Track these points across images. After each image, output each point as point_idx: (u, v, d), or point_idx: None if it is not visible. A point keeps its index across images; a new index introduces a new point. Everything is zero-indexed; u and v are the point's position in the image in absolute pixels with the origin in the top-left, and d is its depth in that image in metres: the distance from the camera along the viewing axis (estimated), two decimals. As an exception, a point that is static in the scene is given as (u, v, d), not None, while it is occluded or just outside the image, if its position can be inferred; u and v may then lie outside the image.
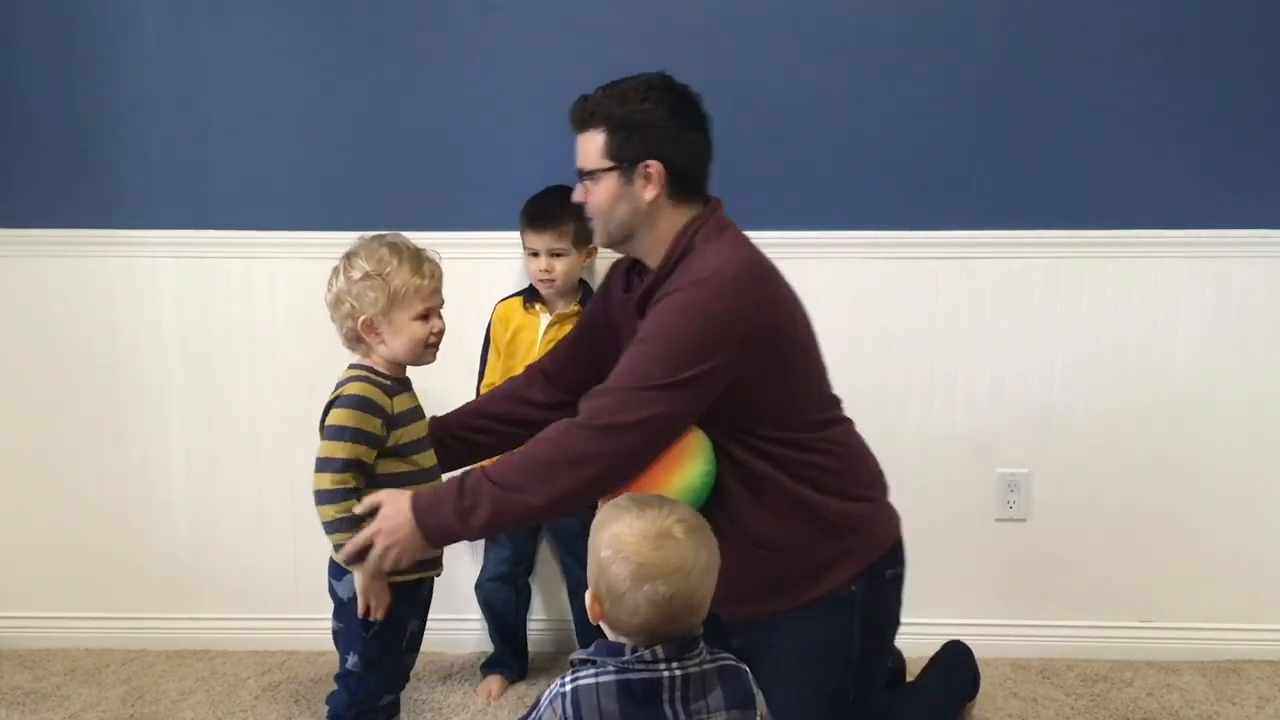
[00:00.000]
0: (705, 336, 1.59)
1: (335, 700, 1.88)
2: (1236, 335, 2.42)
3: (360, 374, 1.80)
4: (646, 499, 1.33)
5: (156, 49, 2.42)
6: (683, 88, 1.73)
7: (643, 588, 1.23)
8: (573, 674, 1.27)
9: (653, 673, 1.25)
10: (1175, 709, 2.28)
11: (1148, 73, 2.36)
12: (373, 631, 1.81)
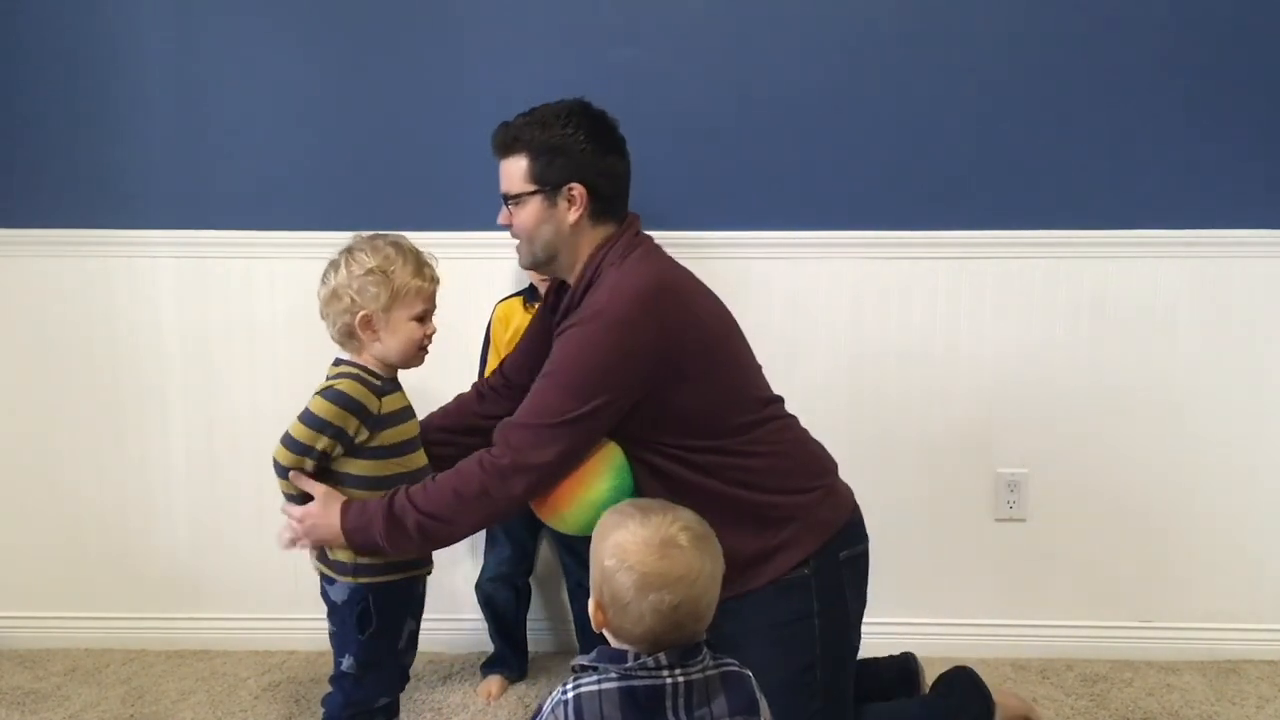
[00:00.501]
0: (606, 367, 1.65)
1: (330, 702, 1.88)
2: (1236, 335, 2.42)
3: (353, 371, 1.79)
4: (650, 505, 1.31)
5: (156, 49, 2.42)
6: (600, 113, 1.80)
7: (648, 597, 1.23)
8: (575, 681, 1.26)
9: (656, 679, 1.24)
10: (1175, 709, 2.28)
11: (1148, 73, 2.36)
12: (369, 633, 1.81)
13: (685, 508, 1.33)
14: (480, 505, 1.68)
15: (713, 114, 2.41)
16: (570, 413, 1.64)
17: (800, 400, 2.48)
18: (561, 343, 1.69)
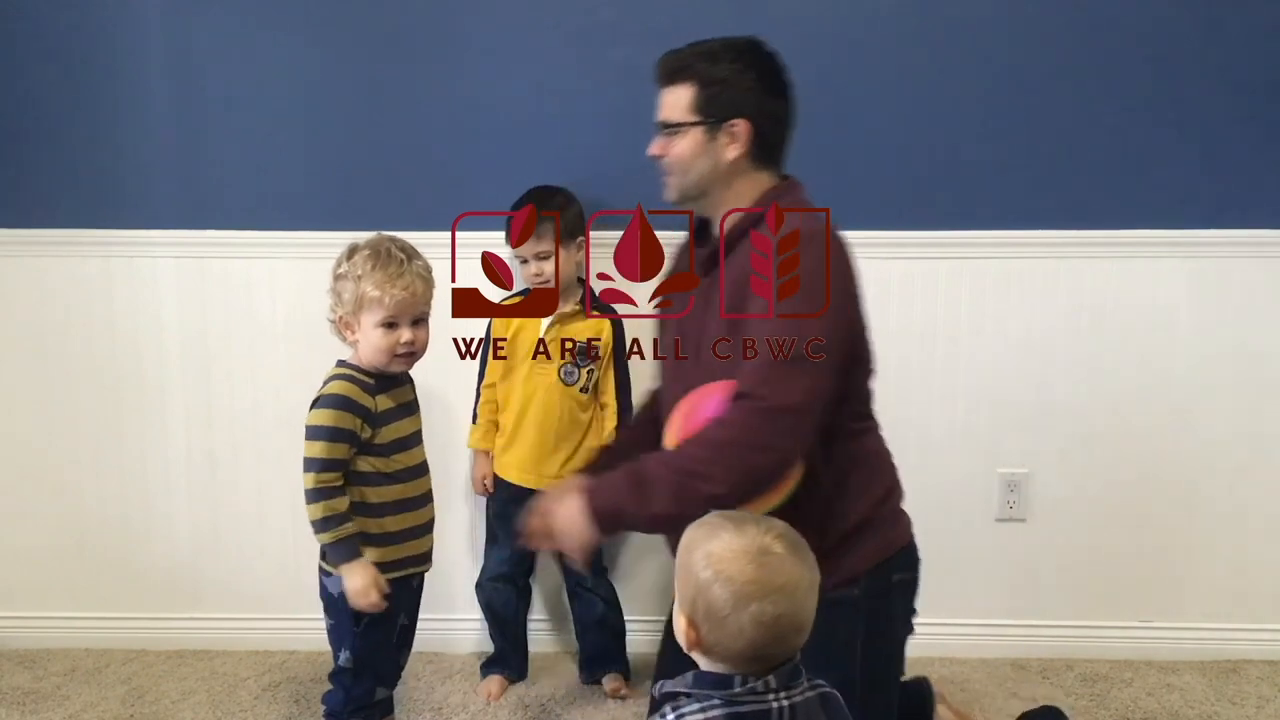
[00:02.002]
0: (840, 285, 1.58)
1: (331, 699, 1.89)
2: (1236, 335, 2.42)
3: (344, 372, 1.82)
4: (739, 516, 1.25)
5: (156, 49, 2.42)
6: (771, 53, 1.71)
7: (748, 608, 1.16)
8: (675, 710, 1.18)
9: (762, 704, 1.18)
10: (1175, 709, 2.28)
11: (1148, 73, 2.35)
12: (363, 626, 1.82)
13: (779, 521, 1.26)
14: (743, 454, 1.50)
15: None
16: (805, 341, 1.53)
17: (800, 400, 2.49)
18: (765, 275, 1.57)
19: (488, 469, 2.39)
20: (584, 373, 2.31)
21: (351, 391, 1.78)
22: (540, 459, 2.31)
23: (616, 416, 2.36)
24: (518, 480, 2.34)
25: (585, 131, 2.41)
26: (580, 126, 2.41)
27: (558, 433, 2.30)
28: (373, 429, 1.79)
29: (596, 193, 2.34)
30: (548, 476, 2.31)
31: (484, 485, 2.40)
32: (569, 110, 2.41)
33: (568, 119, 2.41)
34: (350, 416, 1.76)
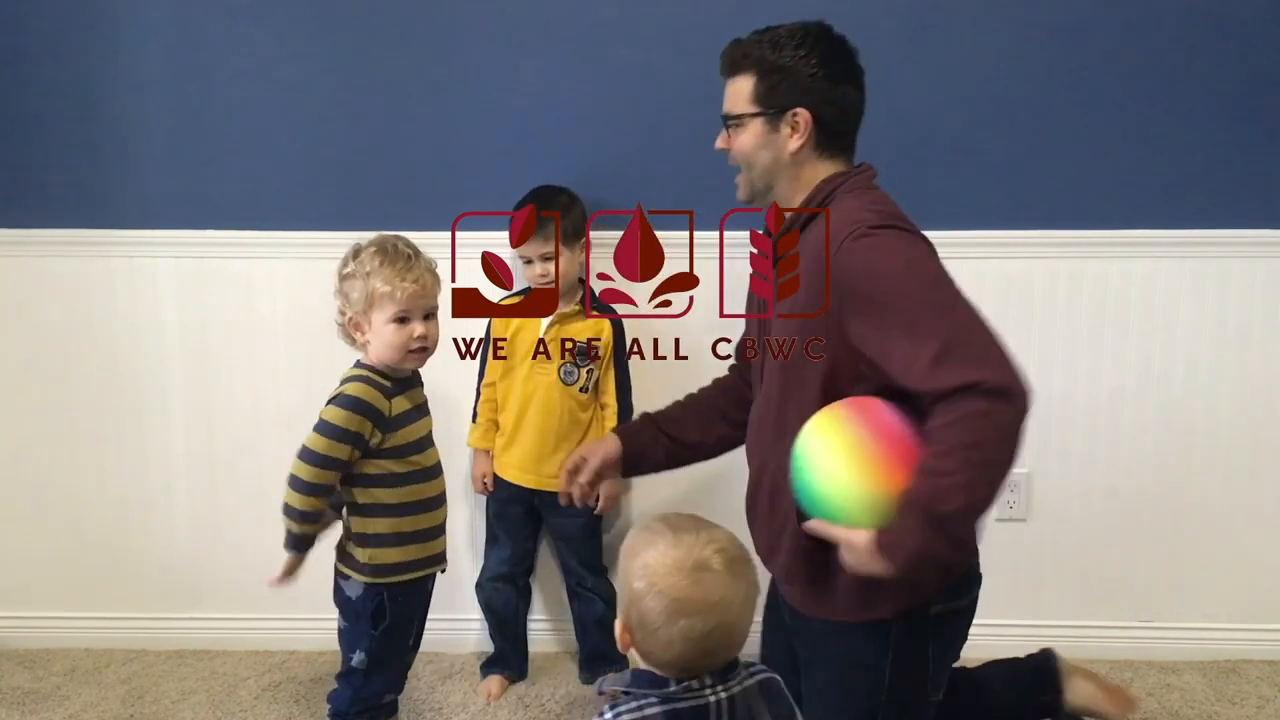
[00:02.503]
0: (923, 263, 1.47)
1: (337, 698, 1.89)
2: (1236, 335, 2.42)
3: (362, 374, 1.81)
4: (682, 522, 1.23)
5: (157, 49, 2.42)
6: (840, 38, 1.64)
7: (678, 623, 1.16)
8: (612, 710, 1.19)
9: (699, 699, 1.19)
10: (1175, 709, 2.28)
11: (1148, 73, 2.35)
12: (382, 629, 1.82)
13: (720, 526, 1.24)
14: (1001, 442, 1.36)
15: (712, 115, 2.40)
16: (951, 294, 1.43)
17: (800, 400, 2.49)
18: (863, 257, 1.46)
19: (488, 468, 2.39)
20: (584, 373, 2.31)
21: (368, 394, 1.78)
22: (540, 459, 2.32)
23: (617, 417, 2.36)
24: (517, 480, 2.34)
25: (585, 131, 2.41)
26: (580, 126, 2.41)
27: (558, 433, 2.30)
28: (384, 433, 1.79)
29: (596, 193, 2.34)
30: (548, 476, 2.32)
31: (484, 484, 2.40)
32: (569, 110, 2.41)
33: (568, 119, 2.41)
34: (361, 419, 1.76)
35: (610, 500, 2.36)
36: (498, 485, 2.38)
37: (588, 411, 2.34)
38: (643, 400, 2.42)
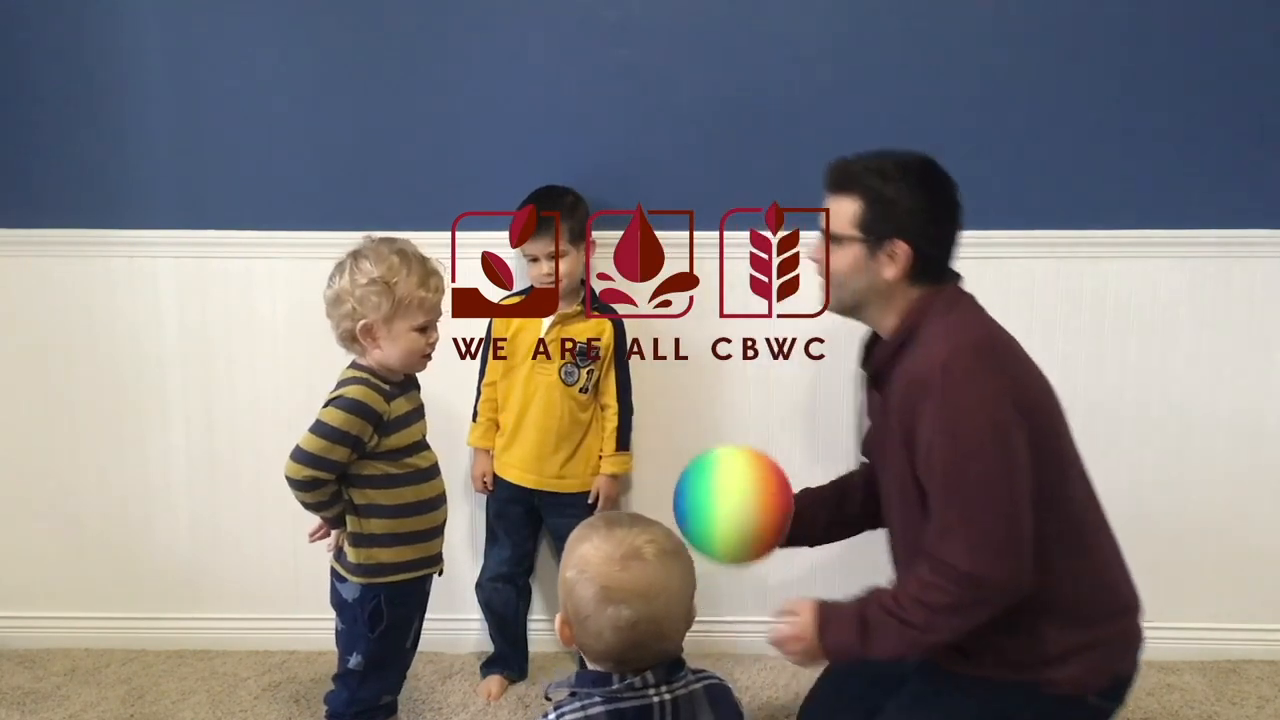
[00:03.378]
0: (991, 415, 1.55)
1: (334, 699, 1.88)
2: (1236, 335, 2.42)
3: (361, 376, 1.80)
4: (619, 517, 1.27)
5: (157, 49, 2.42)
6: (944, 175, 1.71)
7: (606, 611, 1.18)
8: (556, 710, 1.20)
9: (643, 699, 1.20)
10: (1175, 709, 2.28)
11: (1148, 73, 2.35)
12: (379, 631, 1.82)
13: (660, 524, 1.27)
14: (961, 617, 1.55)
15: (712, 115, 2.41)
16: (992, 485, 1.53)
17: (798, 404, 2.49)
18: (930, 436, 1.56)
19: (488, 467, 2.39)
20: (584, 373, 2.31)
21: (369, 397, 1.77)
22: (540, 459, 2.32)
23: (617, 417, 2.36)
24: (517, 480, 2.34)
25: (585, 131, 2.41)
26: (581, 126, 2.41)
27: (558, 433, 2.31)
28: (382, 435, 1.78)
29: (596, 193, 2.34)
30: (548, 476, 2.32)
31: (484, 484, 2.40)
32: (569, 110, 2.41)
33: (568, 119, 2.41)
34: (361, 422, 1.75)
35: (609, 500, 2.36)
36: (498, 485, 2.38)
37: (588, 412, 2.35)
38: (643, 400, 2.42)
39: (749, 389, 2.48)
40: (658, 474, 2.51)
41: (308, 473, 1.75)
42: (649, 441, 2.48)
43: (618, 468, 2.37)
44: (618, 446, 2.36)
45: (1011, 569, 1.53)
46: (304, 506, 1.82)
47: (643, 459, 2.48)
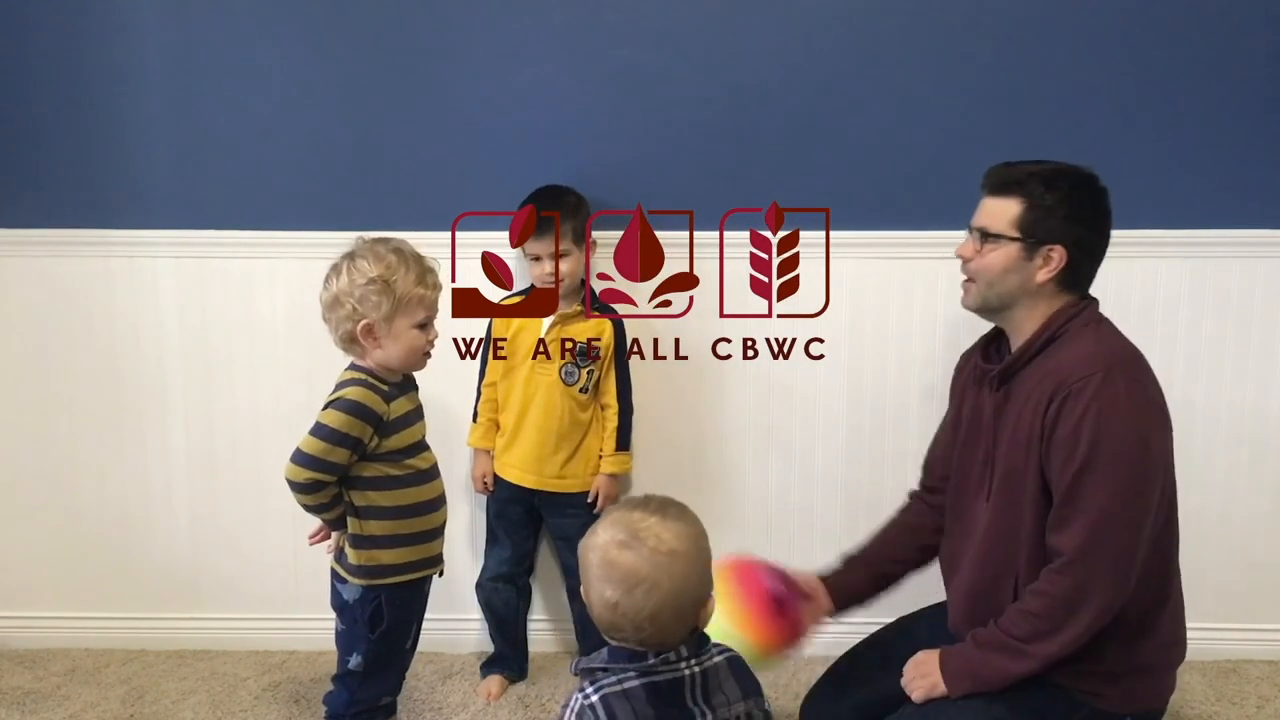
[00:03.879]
0: (1144, 431, 1.60)
1: (334, 700, 1.88)
2: (1236, 335, 2.42)
3: (360, 377, 1.80)
4: (649, 502, 1.30)
5: (156, 49, 2.42)
6: (1104, 189, 1.76)
7: (594, 585, 1.26)
8: (594, 683, 1.25)
9: (675, 672, 1.26)
10: (1175, 709, 2.28)
11: (1147, 72, 2.35)
12: (379, 632, 1.82)
13: (689, 518, 1.30)
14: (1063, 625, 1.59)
15: (712, 115, 2.41)
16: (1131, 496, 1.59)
17: (800, 401, 2.49)
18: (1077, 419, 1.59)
19: (488, 468, 2.39)
20: (584, 373, 2.31)
21: (368, 399, 1.77)
22: (540, 459, 2.32)
23: (617, 417, 2.36)
24: (517, 480, 2.34)
25: (585, 131, 2.41)
26: (580, 126, 2.41)
27: (558, 433, 2.30)
28: (382, 437, 1.78)
29: (596, 193, 2.34)
30: (548, 477, 2.32)
31: (484, 484, 2.40)
32: (569, 110, 2.41)
33: (568, 119, 2.41)
34: (361, 424, 1.75)
35: (609, 500, 2.36)
36: (498, 485, 2.38)
37: (588, 412, 2.34)
38: (643, 400, 2.42)
39: (749, 389, 2.48)
40: (658, 474, 2.51)
41: (308, 475, 1.74)
42: (649, 441, 2.48)
43: (618, 467, 2.37)
44: (618, 446, 2.36)
45: (1115, 575, 1.58)
46: (304, 509, 1.81)
47: (643, 459, 2.48)
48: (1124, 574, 1.59)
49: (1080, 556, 1.57)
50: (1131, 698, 1.67)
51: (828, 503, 2.50)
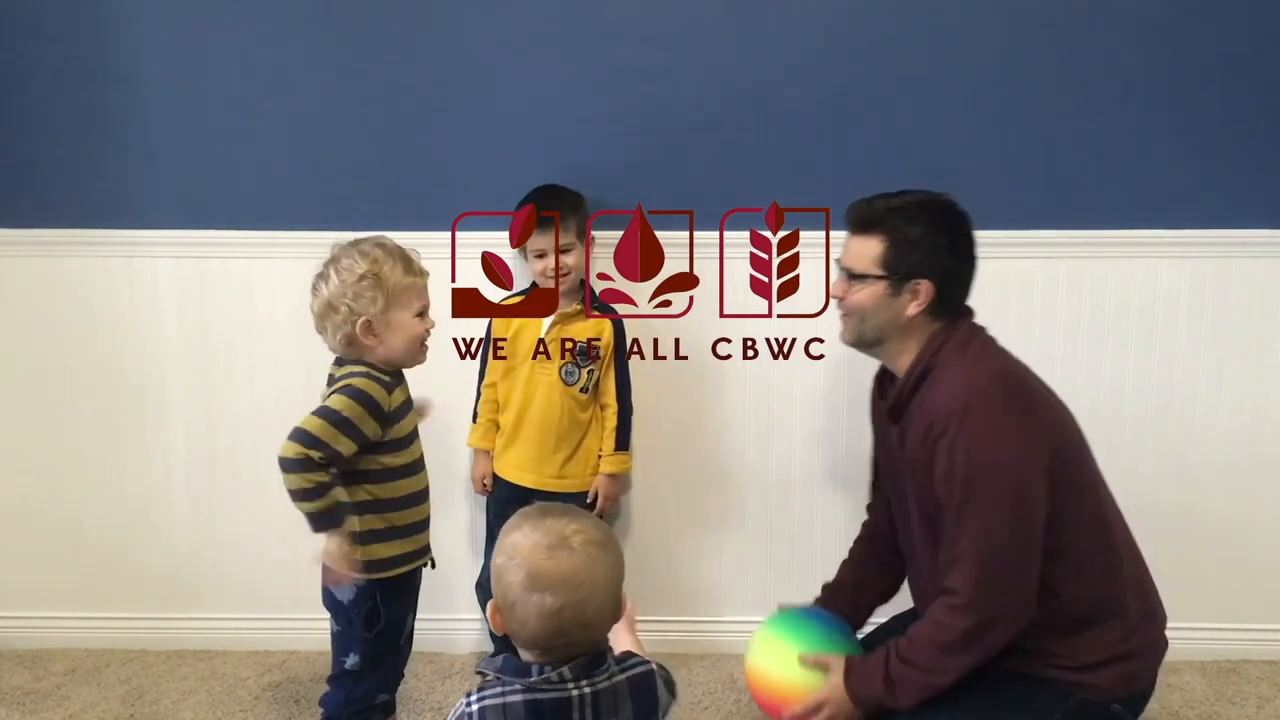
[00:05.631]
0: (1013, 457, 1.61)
1: (330, 701, 1.88)
2: (1236, 335, 2.42)
3: (363, 370, 1.80)
4: (552, 509, 1.29)
5: (156, 49, 2.42)
6: (962, 214, 1.75)
7: (532, 597, 1.20)
8: (478, 693, 1.23)
9: (561, 693, 1.22)
10: (1175, 709, 2.28)
11: (1147, 72, 2.35)
12: (376, 631, 1.82)
13: (592, 517, 1.31)
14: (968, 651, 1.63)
15: (712, 115, 2.41)
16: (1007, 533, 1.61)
17: (797, 403, 2.49)
18: (948, 468, 1.63)
19: (488, 468, 2.39)
20: (584, 373, 2.31)
21: (373, 389, 1.77)
22: (540, 459, 2.32)
23: (617, 417, 2.36)
24: (517, 480, 2.34)
25: (585, 131, 2.41)
26: (580, 126, 2.41)
27: (558, 433, 2.30)
28: (384, 427, 1.79)
29: (596, 193, 2.34)
30: (548, 476, 2.32)
31: (484, 484, 2.40)
32: (569, 110, 2.41)
33: (568, 119, 2.41)
34: (364, 412, 1.75)
35: (609, 500, 2.36)
36: (498, 485, 2.38)
37: (588, 411, 2.34)
38: (643, 400, 2.42)
39: (749, 389, 2.48)
40: (657, 474, 2.51)
41: (300, 450, 1.70)
42: (649, 441, 2.48)
43: (617, 467, 2.37)
44: (617, 446, 2.36)
45: (1015, 604, 1.61)
46: (290, 495, 1.75)
47: (642, 459, 2.48)
48: (1020, 598, 1.62)
49: (975, 596, 1.61)
50: (1120, 682, 1.68)
51: (828, 503, 2.50)
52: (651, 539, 2.52)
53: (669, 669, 1.36)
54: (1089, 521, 1.70)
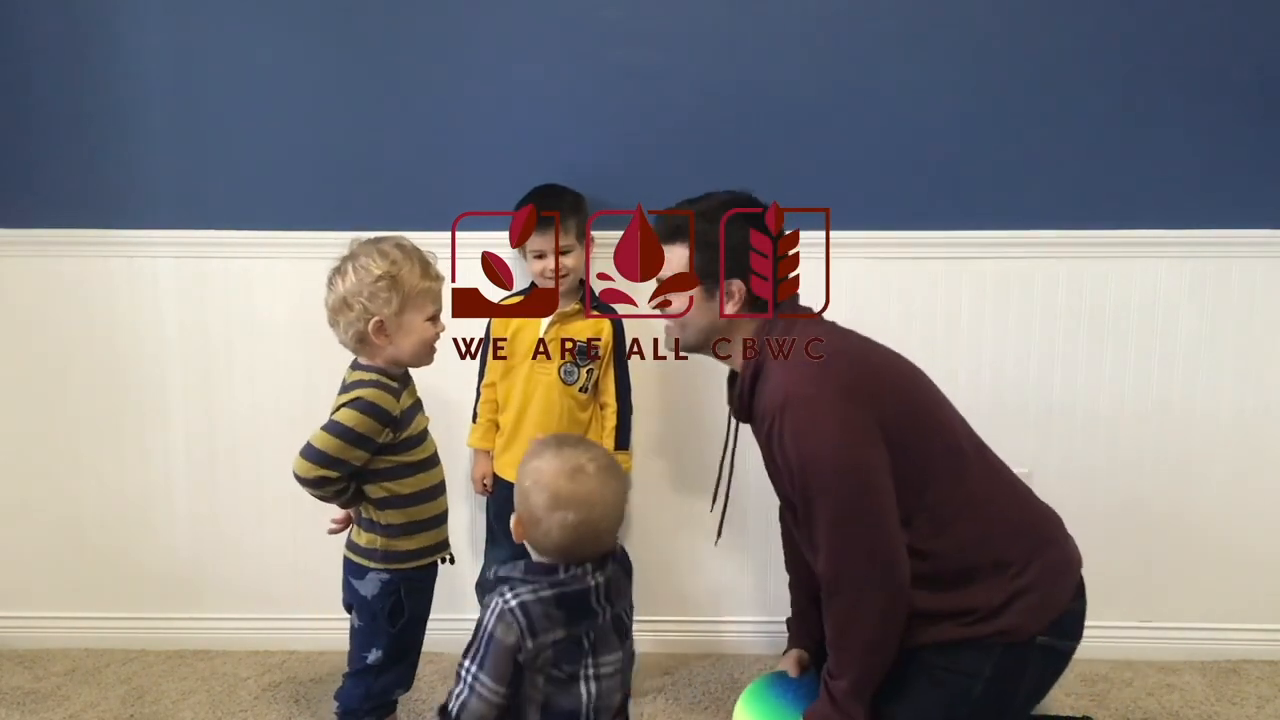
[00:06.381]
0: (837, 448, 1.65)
1: (347, 696, 1.88)
2: (1236, 335, 2.42)
3: (372, 378, 1.80)
4: (568, 439, 1.53)
5: (156, 49, 2.42)
6: (756, 205, 1.79)
7: (554, 514, 1.43)
8: (513, 590, 1.44)
9: (582, 584, 1.46)
10: (1175, 709, 2.28)
11: (1147, 73, 2.35)
12: (399, 625, 1.83)
13: (600, 446, 1.53)
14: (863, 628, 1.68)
15: (712, 115, 2.41)
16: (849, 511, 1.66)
17: (800, 400, 2.49)
18: (786, 462, 1.69)
19: (487, 468, 2.39)
20: (584, 372, 2.31)
21: (382, 400, 1.78)
22: (540, 459, 2.31)
23: (616, 416, 2.36)
24: (517, 480, 2.34)
25: (585, 131, 2.41)
26: (580, 126, 2.41)
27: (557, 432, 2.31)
28: (396, 431, 1.79)
29: (596, 193, 2.34)
30: (547, 476, 2.32)
31: (483, 485, 2.40)
32: (569, 110, 2.41)
33: (568, 119, 2.41)
34: (375, 424, 1.77)
35: None
36: (498, 485, 2.38)
37: (587, 411, 2.34)
38: (643, 400, 2.42)
39: (749, 389, 2.48)
40: (657, 474, 2.51)
41: (318, 472, 1.75)
42: (648, 441, 2.48)
43: (617, 468, 2.37)
44: (617, 446, 2.35)
45: (877, 571, 1.66)
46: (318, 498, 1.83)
47: (642, 458, 2.48)
48: (884, 571, 1.66)
49: (836, 580, 1.68)
50: (1029, 617, 1.70)
51: (828, 503, 2.50)
52: (651, 539, 2.52)
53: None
54: (945, 477, 1.73)
